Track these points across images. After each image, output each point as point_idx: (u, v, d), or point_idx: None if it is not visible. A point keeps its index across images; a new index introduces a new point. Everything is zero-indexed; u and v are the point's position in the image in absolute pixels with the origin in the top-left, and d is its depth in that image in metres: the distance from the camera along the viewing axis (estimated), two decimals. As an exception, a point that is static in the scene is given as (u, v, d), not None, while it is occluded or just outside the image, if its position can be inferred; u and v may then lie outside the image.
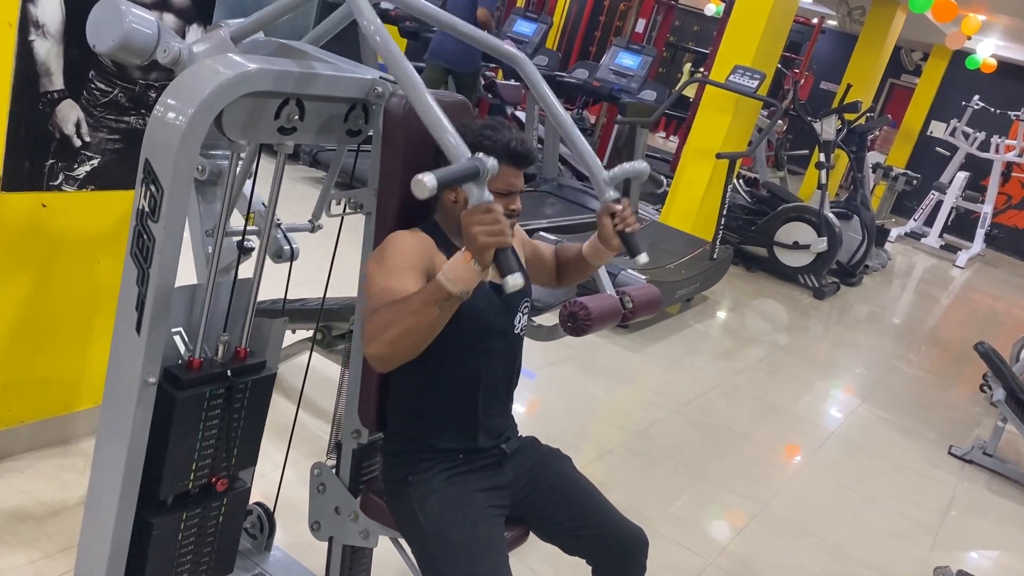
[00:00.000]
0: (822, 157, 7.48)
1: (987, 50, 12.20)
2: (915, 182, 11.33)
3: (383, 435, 1.88)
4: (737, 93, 5.99)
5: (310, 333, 2.93)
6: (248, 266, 1.85)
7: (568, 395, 4.10)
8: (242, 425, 1.83)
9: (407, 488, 1.76)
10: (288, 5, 1.67)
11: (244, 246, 1.87)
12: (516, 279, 1.42)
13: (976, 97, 11.40)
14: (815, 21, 13.17)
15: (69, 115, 2.21)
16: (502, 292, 1.80)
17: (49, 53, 2.12)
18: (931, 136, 14.13)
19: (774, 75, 6.94)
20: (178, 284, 1.61)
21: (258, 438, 1.91)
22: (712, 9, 13.11)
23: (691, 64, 14.63)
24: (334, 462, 1.94)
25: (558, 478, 1.89)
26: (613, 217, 1.78)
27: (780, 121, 9.09)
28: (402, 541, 1.84)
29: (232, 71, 1.47)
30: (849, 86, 8.28)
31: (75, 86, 2.20)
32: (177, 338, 1.71)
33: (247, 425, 1.84)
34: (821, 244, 7.11)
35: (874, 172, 10.72)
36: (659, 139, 13.63)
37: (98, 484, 1.66)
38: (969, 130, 11.59)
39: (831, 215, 7.25)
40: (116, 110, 2.31)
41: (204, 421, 1.73)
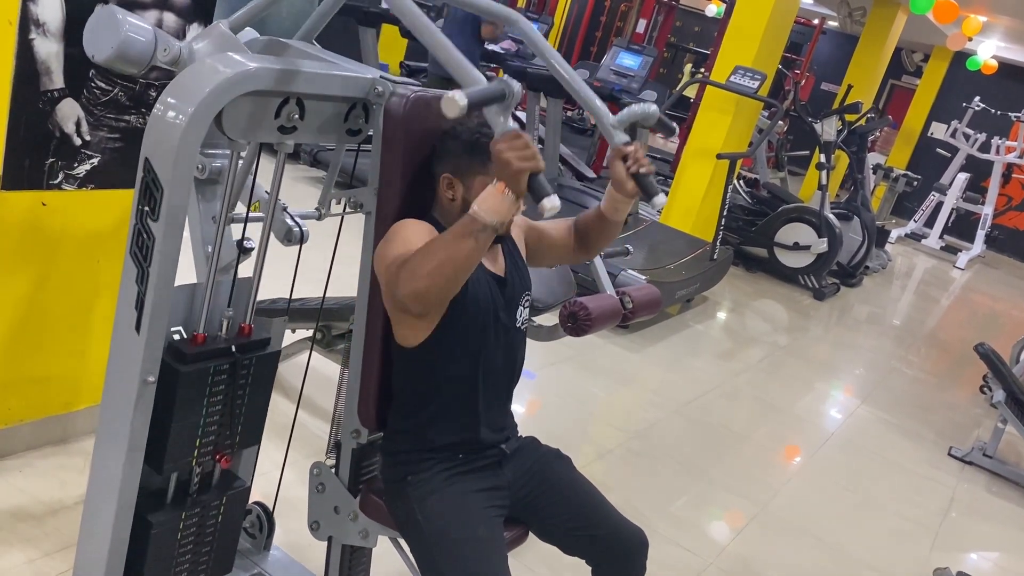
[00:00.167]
0: (823, 158, 7.49)
1: (988, 51, 12.20)
2: (915, 183, 11.34)
3: (382, 435, 1.88)
4: (738, 94, 5.99)
5: (310, 333, 2.93)
6: (248, 265, 1.85)
7: (568, 395, 4.09)
8: (246, 402, 1.81)
9: (406, 488, 1.76)
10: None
11: (244, 246, 1.87)
12: (553, 200, 1.42)
13: (977, 98, 11.39)
14: (816, 22, 13.16)
15: (69, 114, 2.21)
16: (504, 285, 1.80)
17: (49, 52, 2.12)
18: (932, 137, 14.13)
19: (775, 76, 6.94)
20: (178, 283, 1.61)
21: (262, 416, 1.89)
22: (713, 10, 13.13)
23: (692, 65, 14.65)
24: (333, 462, 1.94)
25: (558, 478, 1.88)
26: (625, 160, 1.72)
27: (781, 122, 9.08)
28: (401, 541, 1.84)
29: (232, 70, 1.46)
30: (850, 87, 8.28)
31: (75, 85, 2.20)
32: (176, 337, 1.71)
33: (251, 402, 1.82)
34: (821, 245, 7.11)
35: (875, 173, 10.73)
36: (659, 139, 13.61)
37: (97, 483, 1.66)
38: (970, 131, 11.58)
39: (831, 216, 7.25)
40: (116, 109, 2.31)
41: (208, 397, 1.72)
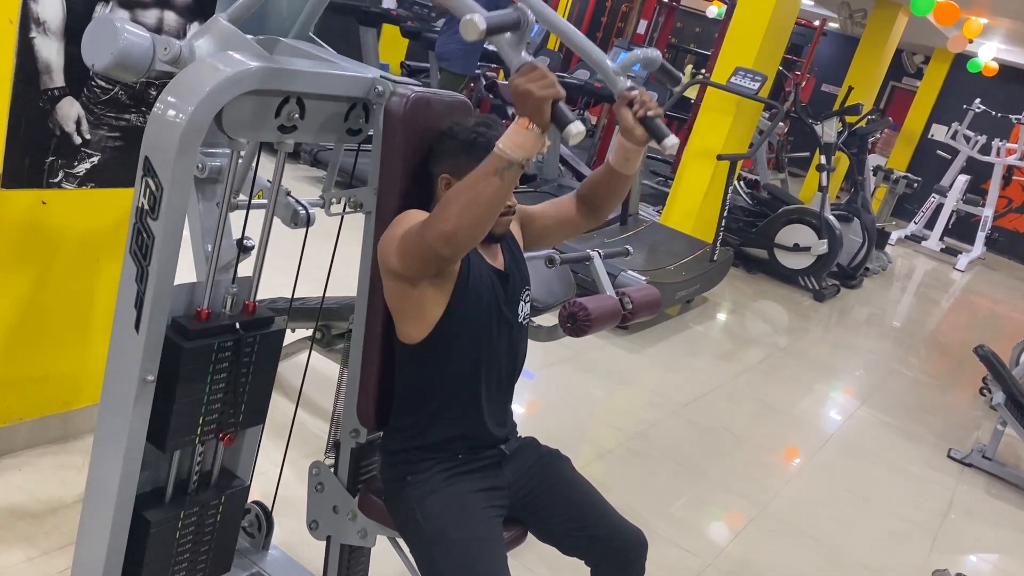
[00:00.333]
0: (823, 159, 7.49)
1: (989, 53, 12.19)
2: (916, 185, 11.35)
3: (382, 434, 1.88)
4: (738, 95, 5.98)
5: (309, 332, 2.93)
6: (248, 265, 1.85)
7: (567, 396, 4.09)
8: (250, 380, 1.79)
9: (406, 488, 1.76)
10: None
11: (244, 244, 1.87)
12: (578, 126, 1.42)
13: (977, 100, 11.39)
14: (817, 23, 13.17)
15: (69, 112, 2.21)
16: (506, 280, 1.80)
17: (50, 50, 2.12)
18: (932, 139, 14.12)
19: (775, 77, 6.94)
20: (177, 282, 1.61)
21: (267, 395, 1.87)
22: (714, 11, 13.12)
23: (692, 66, 14.63)
24: (332, 461, 1.94)
25: (557, 478, 1.88)
26: (632, 106, 1.68)
27: (781, 123, 9.10)
28: (400, 541, 1.84)
29: (232, 69, 1.46)
30: (850, 88, 8.28)
31: (76, 83, 2.20)
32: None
33: (255, 381, 1.80)
34: (821, 246, 7.11)
35: (875, 175, 10.73)
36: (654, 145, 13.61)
37: (96, 481, 1.65)
38: (970, 133, 11.58)
39: (832, 217, 7.24)
40: (116, 107, 2.31)
41: (212, 374, 1.70)
